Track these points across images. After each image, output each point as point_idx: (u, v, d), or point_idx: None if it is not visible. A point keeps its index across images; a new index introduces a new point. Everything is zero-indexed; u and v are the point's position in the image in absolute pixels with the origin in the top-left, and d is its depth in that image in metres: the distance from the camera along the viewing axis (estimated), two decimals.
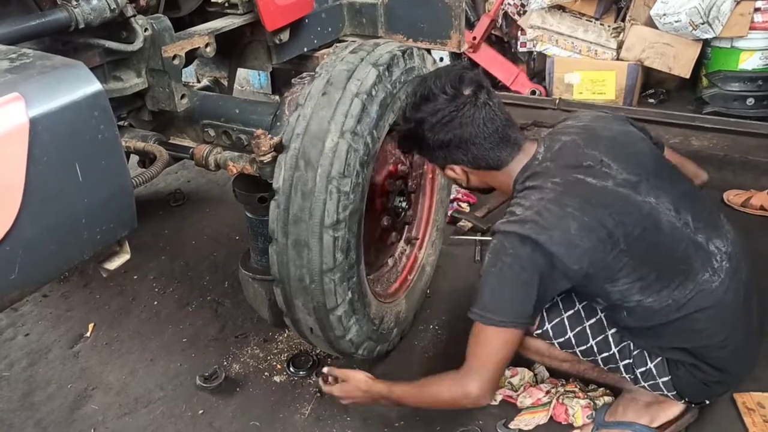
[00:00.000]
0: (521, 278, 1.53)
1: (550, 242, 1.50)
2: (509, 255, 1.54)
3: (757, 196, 3.04)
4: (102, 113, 1.28)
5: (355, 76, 1.75)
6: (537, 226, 1.52)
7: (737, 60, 3.56)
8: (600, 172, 1.59)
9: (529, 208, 1.55)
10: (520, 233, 1.52)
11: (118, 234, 1.41)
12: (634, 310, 1.62)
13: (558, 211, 1.53)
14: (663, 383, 1.72)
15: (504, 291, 1.56)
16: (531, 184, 1.61)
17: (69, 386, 2.22)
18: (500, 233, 1.58)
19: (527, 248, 1.51)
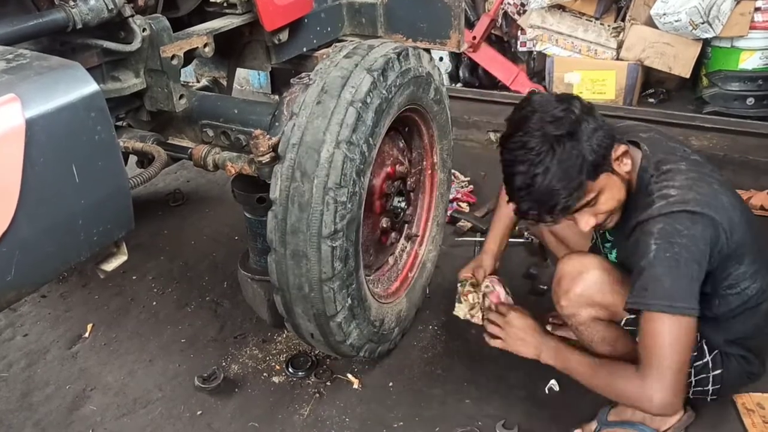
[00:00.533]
0: (697, 259, 1.48)
1: (716, 214, 1.49)
2: (684, 236, 1.47)
3: (757, 196, 3.04)
4: (99, 114, 1.28)
5: (349, 84, 1.75)
6: (700, 202, 1.50)
7: (737, 60, 3.56)
8: (694, 161, 1.62)
9: (682, 188, 1.52)
10: (690, 210, 1.48)
11: (116, 235, 1.41)
12: (730, 299, 1.63)
13: (708, 188, 1.53)
14: (713, 376, 1.72)
15: (684, 276, 1.47)
16: (667, 168, 1.58)
17: (67, 387, 2.22)
18: (664, 215, 1.50)
19: (699, 226, 1.48)
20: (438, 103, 2.20)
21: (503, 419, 1.95)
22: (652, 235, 1.50)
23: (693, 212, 1.48)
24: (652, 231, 1.50)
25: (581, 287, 1.66)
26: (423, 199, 2.39)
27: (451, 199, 3.10)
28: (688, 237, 1.47)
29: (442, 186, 2.41)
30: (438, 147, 2.32)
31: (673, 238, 1.48)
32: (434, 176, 2.38)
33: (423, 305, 2.45)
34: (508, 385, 2.12)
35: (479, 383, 2.13)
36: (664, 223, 1.50)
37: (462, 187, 3.26)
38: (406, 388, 2.14)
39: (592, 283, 1.65)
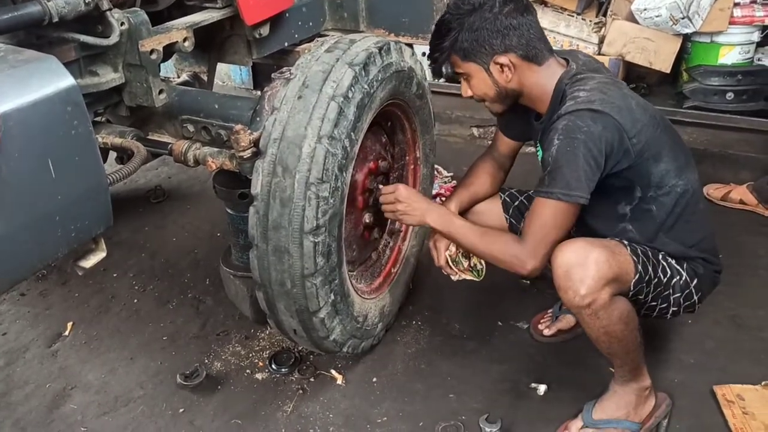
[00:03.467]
0: (593, 155, 1.61)
1: (619, 115, 1.63)
2: (583, 132, 1.61)
3: (737, 190, 3.06)
4: (75, 108, 1.26)
5: (330, 78, 1.74)
6: (605, 102, 1.63)
7: (717, 55, 3.58)
8: (613, 79, 1.80)
9: (592, 90, 1.67)
10: (592, 108, 1.62)
11: (94, 231, 1.39)
12: (664, 200, 1.75)
13: (618, 91, 1.70)
14: (693, 287, 1.82)
15: (580, 168, 1.62)
16: (582, 77, 1.73)
17: (47, 385, 2.19)
18: (570, 113, 1.65)
19: (599, 125, 1.61)
20: (420, 97, 2.19)
21: (486, 413, 1.95)
22: (557, 132, 1.66)
23: (595, 111, 1.62)
24: (558, 128, 1.66)
25: (595, 269, 1.64)
26: None
27: (434, 195, 3.10)
28: (587, 134, 1.61)
29: (425, 181, 2.41)
30: (421, 142, 2.32)
31: (574, 133, 1.62)
32: (417, 171, 2.37)
33: (406, 300, 2.44)
34: (491, 379, 2.12)
35: (462, 378, 2.13)
36: (567, 120, 1.64)
37: (445, 183, 3.27)
38: (389, 383, 2.13)
39: (603, 261, 1.65)
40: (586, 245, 1.69)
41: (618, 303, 1.70)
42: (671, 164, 1.74)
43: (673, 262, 1.81)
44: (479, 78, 1.81)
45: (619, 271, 1.68)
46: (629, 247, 1.76)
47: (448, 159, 3.48)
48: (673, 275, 1.79)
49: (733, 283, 2.49)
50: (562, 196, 1.64)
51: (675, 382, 2.05)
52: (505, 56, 1.74)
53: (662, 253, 1.81)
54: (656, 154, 1.72)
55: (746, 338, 2.24)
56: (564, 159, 1.63)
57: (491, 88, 1.81)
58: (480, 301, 2.47)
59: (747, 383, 2.02)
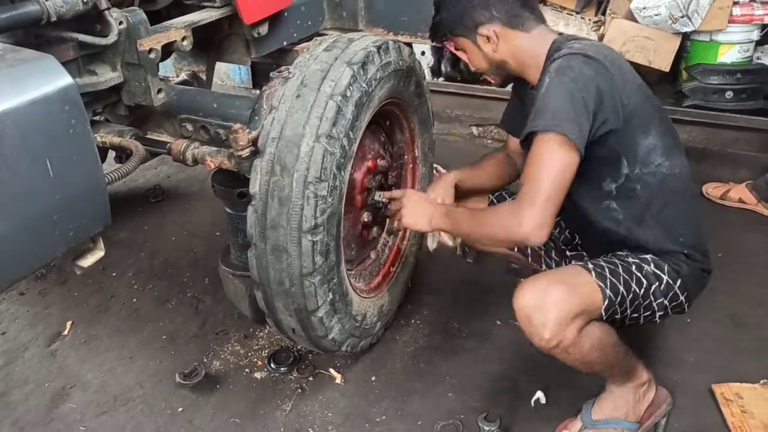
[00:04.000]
0: (583, 96, 1.56)
1: (611, 67, 1.61)
2: (575, 71, 1.58)
3: (736, 189, 3.06)
4: (73, 107, 1.26)
5: (329, 77, 1.73)
6: (599, 53, 1.62)
7: (716, 53, 3.58)
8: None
9: (588, 44, 1.68)
10: (586, 53, 1.61)
11: (92, 231, 1.39)
12: (648, 179, 1.70)
13: (610, 51, 1.70)
14: (678, 288, 1.75)
15: (570, 103, 1.56)
16: (574, 41, 1.72)
17: (46, 385, 2.19)
18: (564, 56, 1.63)
19: (591, 69, 1.59)
20: (419, 96, 2.19)
21: (485, 412, 1.95)
22: (547, 73, 1.65)
23: (588, 56, 1.60)
24: (549, 69, 1.65)
25: (555, 311, 1.57)
26: None
27: None
28: (578, 73, 1.58)
29: (424, 180, 2.41)
30: (419, 141, 2.32)
31: (565, 72, 1.59)
32: (416, 170, 2.37)
33: (405, 299, 2.44)
34: (490, 378, 2.12)
35: (461, 377, 2.13)
36: (559, 63, 1.63)
37: None
38: (388, 382, 2.13)
39: (563, 300, 1.58)
40: (544, 284, 1.61)
41: (588, 333, 1.64)
42: (659, 140, 1.70)
43: (651, 267, 1.72)
44: (471, 51, 1.84)
45: (583, 304, 1.61)
46: (594, 271, 1.67)
47: (447, 158, 3.45)
48: (651, 283, 1.71)
49: (732, 281, 2.50)
50: (547, 127, 1.55)
51: (674, 381, 2.05)
52: (487, 27, 1.76)
53: (638, 259, 1.73)
54: (645, 126, 1.68)
55: (745, 337, 2.24)
56: (552, 95, 1.59)
57: (483, 60, 1.83)
58: (479, 300, 2.47)
59: (746, 382, 2.03)
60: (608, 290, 1.64)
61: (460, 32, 1.82)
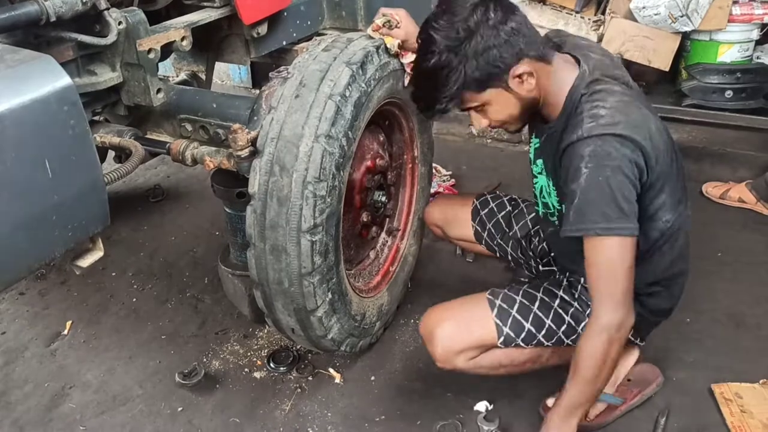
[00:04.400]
0: (630, 181, 1.50)
1: (643, 140, 1.50)
2: (615, 158, 1.47)
3: (735, 188, 3.07)
4: (72, 108, 1.26)
5: (328, 77, 1.73)
6: (630, 124, 1.50)
7: (716, 52, 3.57)
8: (636, 90, 1.64)
9: (612, 109, 1.52)
10: (619, 133, 1.48)
11: (91, 231, 1.40)
12: (652, 233, 1.66)
13: (637, 111, 1.54)
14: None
15: (617, 198, 1.48)
16: (600, 88, 1.57)
17: (46, 385, 2.19)
18: (594, 137, 1.49)
19: (627, 150, 1.48)
20: None
21: (484, 412, 1.95)
22: (582, 159, 1.50)
23: (622, 136, 1.48)
24: (583, 154, 1.50)
25: (440, 347, 1.74)
26: (404, 193, 2.38)
27: (432, 193, 3.10)
28: (619, 159, 1.48)
29: (423, 180, 2.41)
30: (418, 140, 2.32)
31: (604, 161, 1.48)
32: (415, 170, 2.37)
33: (405, 299, 2.45)
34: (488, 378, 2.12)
35: (460, 377, 2.11)
36: (594, 146, 1.49)
37: (444, 181, 3.26)
38: (387, 382, 2.14)
39: (447, 337, 1.72)
40: (441, 317, 1.73)
41: (487, 356, 1.75)
42: (669, 198, 1.64)
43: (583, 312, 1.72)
44: (500, 101, 1.60)
45: (472, 341, 1.71)
46: (498, 307, 1.72)
47: (446, 157, 3.48)
48: (579, 320, 1.72)
49: (732, 280, 2.51)
50: (601, 231, 1.49)
51: (673, 381, 2.05)
52: (521, 65, 1.54)
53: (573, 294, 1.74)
54: (662, 185, 1.61)
55: (745, 336, 2.24)
56: (595, 189, 1.48)
57: (516, 106, 1.61)
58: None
59: (745, 381, 2.03)
60: (507, 328, 1.73)
61: (491, 82, 1.56)
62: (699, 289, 2.34)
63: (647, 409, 1.97)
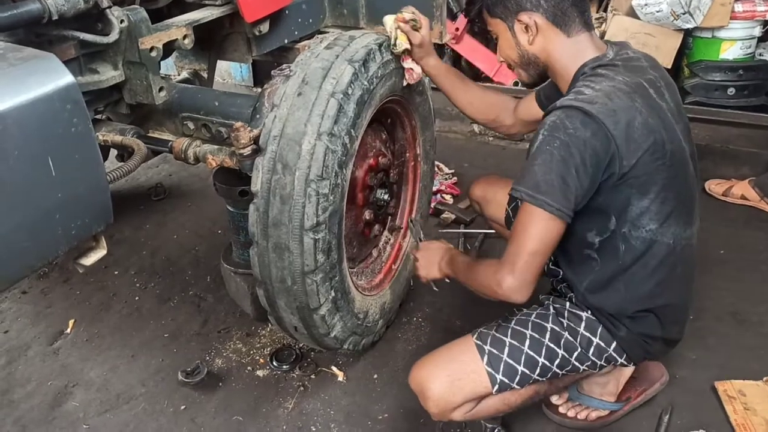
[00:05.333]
0: (576, 163, 1.45)
1: (614, 127, 1.45)
2: (568, 134, 1.45)
3: (738, 186, 3.06)
4: (74, 106, 1.26)
5: (330, 75, 1.73)
6: (606, 108, 1.46)
7: (718, 50, 3.56)
8: (659, 91, 1.59)
9: (600, 91, 1.50)
10: (586, 110, 1.45)
11: (94, 229, 1.39)
12: (635, 243, 1.58)
13: (628, 101, 1.50)
14: (613, 350, 1.68)
15: (553, 172, 1.46)
16: (602, 72, 1.56)
17: (49, 383, 2.19)
18: (563, 108, 1.49)
19: (588, 131, 1.45)
20: (420, 94, 2.19)
21: None
22: (543, 126, 1.51)
23: (589, 114, 1.45)
24: (546, 122, 1.51)
25: (434, 406, 1.66)
26: (406, 191, 2.39)
27: (434, 191, 3.10)
28: (571, 137, 1.45)
29: (426, 178, 2.41)
30: (421, 138, 2.32)
31: (558, 132, 1.47)
32: (417, 168, 2.37)
33: (407, 297, 2.45)
34: None
35: None
36: (556, 117, 1.49)
37: (446, 179, 3.27)
38: (390, 380, 2.14)
39: (439, 396, 1.65)
40: (427, 374, 1.67)
41: (482, 408, 1.70)
42: (656, 205, 1.55)
43: (580, 329, 1.68)
44: (504, 38, 1.69)
45: (466, 395, 1.65)
46: (489, 354, 1.66)
47: (448, 155, 3.48)
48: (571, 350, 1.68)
49: (735, 278, 2.50)
50: (526, 197, 1.48)
51: (676, 378, 2.05)
52: (529, 14, 1.60)
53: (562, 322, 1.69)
54: (643, 188, 1.53)
55: (747, 334, 2.24)
56: (540, 157, 1.48)
57: (513, 49, 1.68)
58: (479, 297, 2.45)
59: (748, 379, 2.03)
60: (500, 375, 1.65)
61: (499, 13, 1.66)
62: (701, 286, 2.33)
63: (650, 406, 1.97)
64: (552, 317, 1.72)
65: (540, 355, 1.67)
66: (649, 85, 1.58)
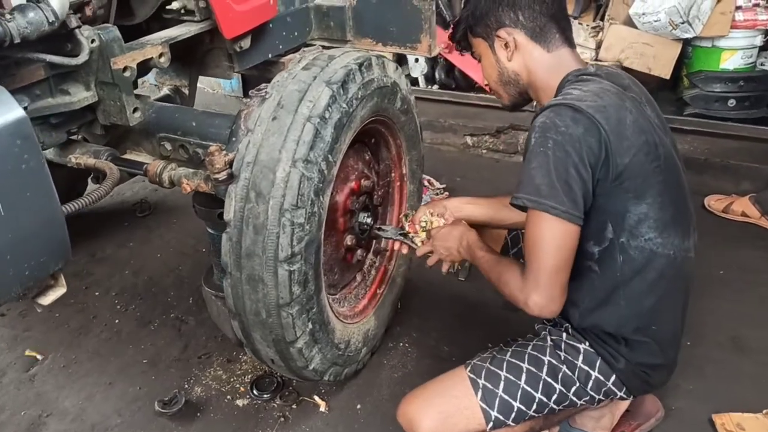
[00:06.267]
0: (573, 161, 1.38)
1: (605, 122, 1.39)
2: (561, 133, 1.39)
3: (739, 202, 2.98)
4: (25, 142, 1.18)
5: (307, 97, 1.65)
6: (596, 104, 1.41)
7: (719, 59, 3.49)
8: (641, 107, 1.52)
9: (588, 91, 1.46)
10: (575, 106, 1.40)
11: (51, 268, 1.32)
12: (634, 254, 1.49)
13: (617, 100, 1.45)
14: (613, 384, 1.59)
15: (551, 173, 1.39)
16: (588, 78, 1.52)
17: (23, 413, 2.12)
18: (551, 107, 1.44)
19: (580, 127, 1.39)
20: (405, 113, 2.11)
21: None
22: (534, 129, 1.45)
23: (578, 110, 1.40)
24: (536, 124, 1.45)
25: None
26: (393, 212, 2.30)
27: None
28: (564, 135, 1.39)
29: (412, 198, 2.33)
30: (407, 158, 2.24)
31: (549, 132, 1.40)
32: (403, 188, 2.29)
33: (394, 321, 2.37)
34: None
35: None
36: (546, 117, 1.43)
37: (437, 194, 3.18)
38: (374, 410, 2.06)
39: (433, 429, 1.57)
40: (417, 409, 1.59)
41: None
42: (654, 212, 1.47)
43: (578, 362, 1.58)
44: (486, 57, 1.66)
45: (463, 428, 1.57)
46: (483, 389, 1.57)
47: (440, 169, 3.40)
48: (569, 385, 1.58)
49: (734, 301, 2.42)
50: (528, 203, 1.41)
51: (672, 410, 1.97)
52: (507, 31, 1.58)
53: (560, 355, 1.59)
54: (639, 192, 1.46)
55: (747, 362, 2.16)
56: (536, 160, 1.41)
57: (494, 68, 1.64)
58: (469, 320, 2.39)
59: (747, 411, 1.94)
60: (494, 412, 1.56)
61: (481, 32, 1.63)
62: (699, 310, 2.24)
63: None
64: (549, 349, 1.63)
65: (537, 390, 1.58)
66: (631, 97, 1.52)
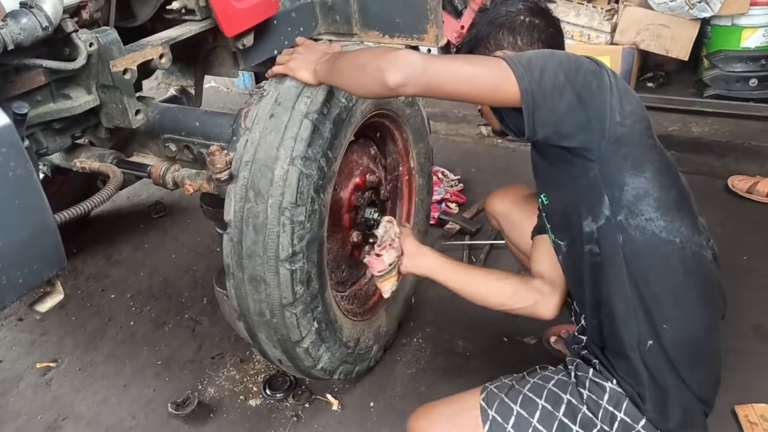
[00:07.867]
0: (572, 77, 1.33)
1: (612, 74, 1.38)
2: (564, 54, 1.38)
3: (764, 182, 2.89)
4: (10, 149, 1.17)
5: (304, 94, 1.62)
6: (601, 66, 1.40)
7: (739, 38, 3.38)
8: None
9: None
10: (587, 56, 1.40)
11: (45, 275, 1.31)
12: (634, 234, 1.36)
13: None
14: (643, 427, 1.41)
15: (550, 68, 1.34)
16: None
17: (39, 417, 2.14)
18: None
19: (592, 65, 1.37)
20: (410, 105, 2.08)
21: None
22: None
23: (589, 58, 1.39)
24: None
25: None
26: (402, 206, 2.27)
27: (439, 200, 3.00)
28: (566, 54, 1.38)
29: (422, 191, 2.29)
30: (414, 151, 2.20)
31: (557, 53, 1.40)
32: (412, 182, 2.25)
33: (408, 316, 2.34)
34: None
35: None
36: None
37: (451, 187, 3.13)
38: (387, 407, 2.04)
39: None
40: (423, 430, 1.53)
41: None
42: (655, 190, 1.37)
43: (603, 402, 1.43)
44: None
45: None
46: (490, 422, 1.46)
47: (455, 160, 3.35)
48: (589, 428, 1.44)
49: (758, 288, 2.35)
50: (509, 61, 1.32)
51: None
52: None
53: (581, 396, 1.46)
54: (637, 163, 1.36)
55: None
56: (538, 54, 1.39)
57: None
58: (484, 315, 2.31)
59: None
60: None
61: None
62: None
63: None
64: (572, 387, 1.49)
65: (550, 431, 1.45)
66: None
